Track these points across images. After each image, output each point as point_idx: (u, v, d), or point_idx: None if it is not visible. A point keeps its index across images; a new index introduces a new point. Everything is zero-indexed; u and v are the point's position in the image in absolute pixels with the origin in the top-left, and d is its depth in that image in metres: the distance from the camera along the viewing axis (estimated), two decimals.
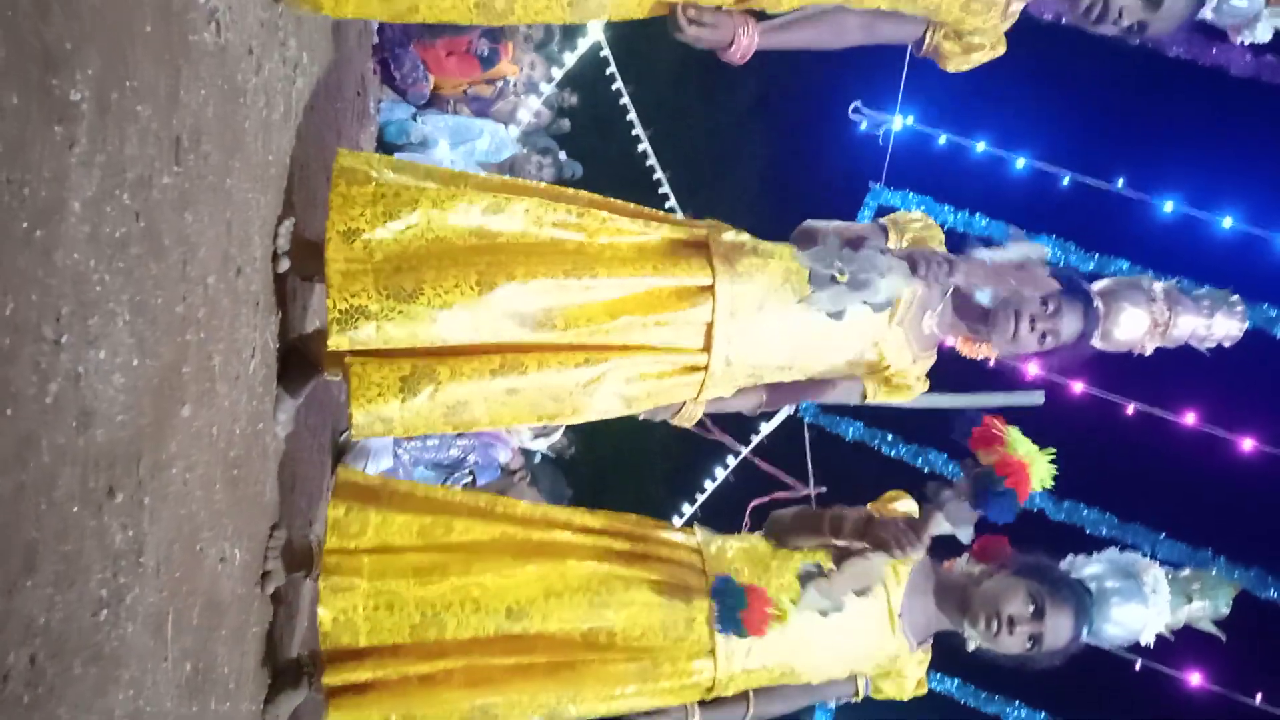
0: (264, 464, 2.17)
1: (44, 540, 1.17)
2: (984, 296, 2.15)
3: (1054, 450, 2.01)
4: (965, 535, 2.10)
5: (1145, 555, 2.45)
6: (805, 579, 2.17)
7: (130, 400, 1.37)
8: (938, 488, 2.11)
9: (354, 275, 1.97)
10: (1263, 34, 2.09)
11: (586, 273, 2.07)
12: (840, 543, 2.24)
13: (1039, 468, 1.99)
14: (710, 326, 2.15)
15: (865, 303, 1.97)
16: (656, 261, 2.14)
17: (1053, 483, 2.03)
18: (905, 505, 2.40)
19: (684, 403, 2.30)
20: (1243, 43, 2.13)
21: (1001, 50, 2.22)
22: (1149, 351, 2.33)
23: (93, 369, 1.26)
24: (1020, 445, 2.00)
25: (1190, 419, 6.33)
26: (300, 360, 2.24)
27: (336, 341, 1.97)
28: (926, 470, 6.43)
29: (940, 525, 2.08)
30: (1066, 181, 6.86)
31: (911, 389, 2.37)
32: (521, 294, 2.02)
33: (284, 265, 2.10)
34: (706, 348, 2.16)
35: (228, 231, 1.77)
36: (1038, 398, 2.41)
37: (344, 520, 2.22)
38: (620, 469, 10.06)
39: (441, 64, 5.42)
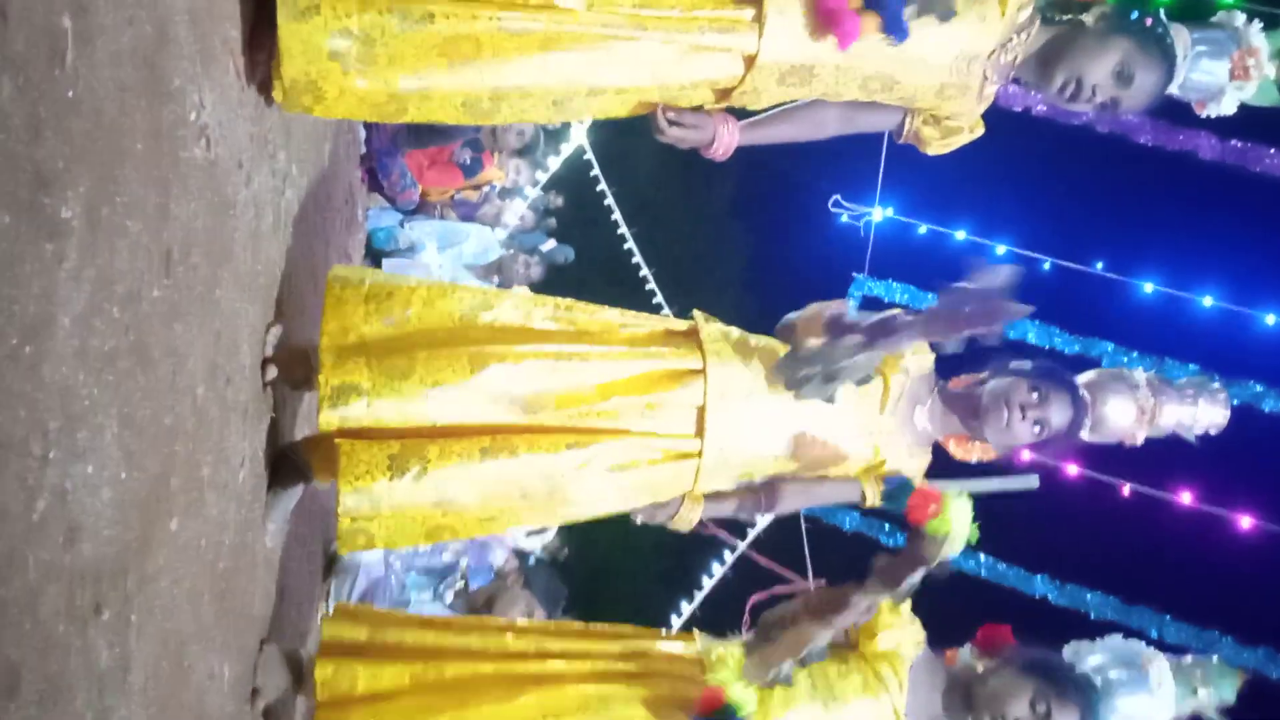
0: (253, 576, 2.13)
1: (27, 660, 1.14)
2: (952, 347, 2.14)
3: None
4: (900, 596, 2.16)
5: (1151, 637, 2.43)
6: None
7: (118, 514, 1.36)
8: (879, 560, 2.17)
9: (347, 356, 2.00)
10: (1228, 107, 2.15)
11: (577, 357, 2.09)
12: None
13: (960, 521, 2.10)
14: (701, 410, 2.15)
15: (849, 382, 2.04)
16: (647, 346, 2.17)
17: (974, 539, 2.11)
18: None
19: (680, 503, 2.27)
20: (1209, 116, 2.20)
21: (980, 132, 2.27)
22: (1139, 441, 2.35)
23: (80, 483, 1.25)
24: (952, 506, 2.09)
25: (1187, 498, 6.31)
26: (290, 468, 2.23)
27: (327, 419, 1.97)
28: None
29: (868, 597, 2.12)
30: (1048, 266, 6.97)
31: None
32: (512, 375, 2.04)
33: (272, 373, 2.11)
34: (699, 433, 2.16)
35: (216, 341, 1.77)
36: (1033, 481, 2.41)
37: (333, 679, 2.17)
38: (616, 569, 9.93)
39: (422, 173, 5.52)
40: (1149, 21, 2.03)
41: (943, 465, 2.38)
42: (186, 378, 1.62)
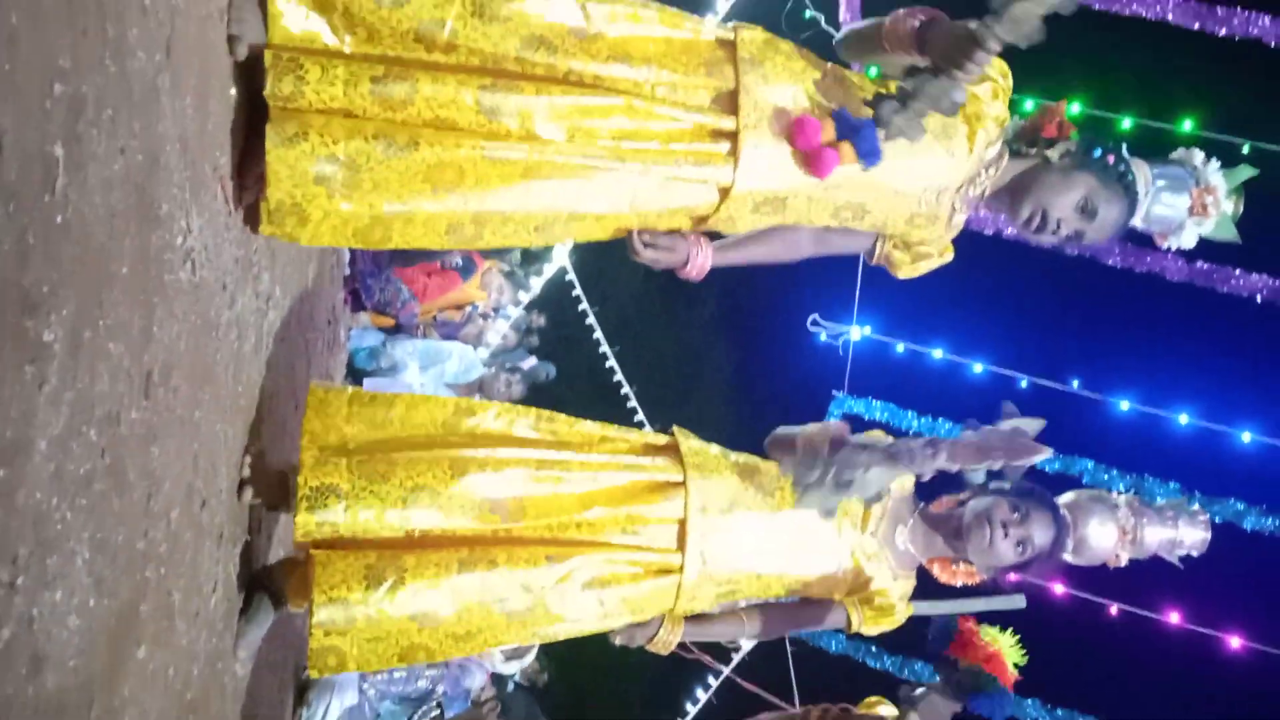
0: (222, 706, 2.06)
1: None
2: (975, 476, 2.16)
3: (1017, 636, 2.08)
4: None
5: None
6: None
7: (84, 643, 1.32)
8: (909, 689, 2.10)
9: (327, 458, 2.00)
10: (1188, 240, 2.22)
11: (559, 465, 2.11)
12: None
13: (1009, 652, 2.03)
14: (683, 524, 2.15)
15: (858, 496, 2.05)
16: (627, 459, 2.18)
17: (1023, 660, 2.11)
18: (886, 710, 2.34)
19: (660, 624, 2.24)
20: (1169, 249, 2.26)
21: (949, 257, 2.33)
22: (1123, 562, 2.35)
23: (47, 612, 1.22)
24: (992, 637, 2.07)
25: (1175, 618, 6.24)
26: (263, 593, 2.18)
27: (304, 521, 1.95)
28: (913, 681, 6.24)
29: None
30: (1025, 384, 7.03)
31: (895, 611, 2.33)
32: (493, 482, 2.05)
33: (249, 495, 2.08)
34: (680, 547, 2.15)
35: (194, 464, 1.76)
36: (1019, 601, 2.39)
37: None
38: (598, 694, 9.65)
39: (425, 287, 5.58)
40: (1111, 159, 2.10)
41: (929, 587, 2.36)
42: (162, 501, 1.59)
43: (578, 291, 8.43)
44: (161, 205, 1.53)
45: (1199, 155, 2.22)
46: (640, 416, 8.76)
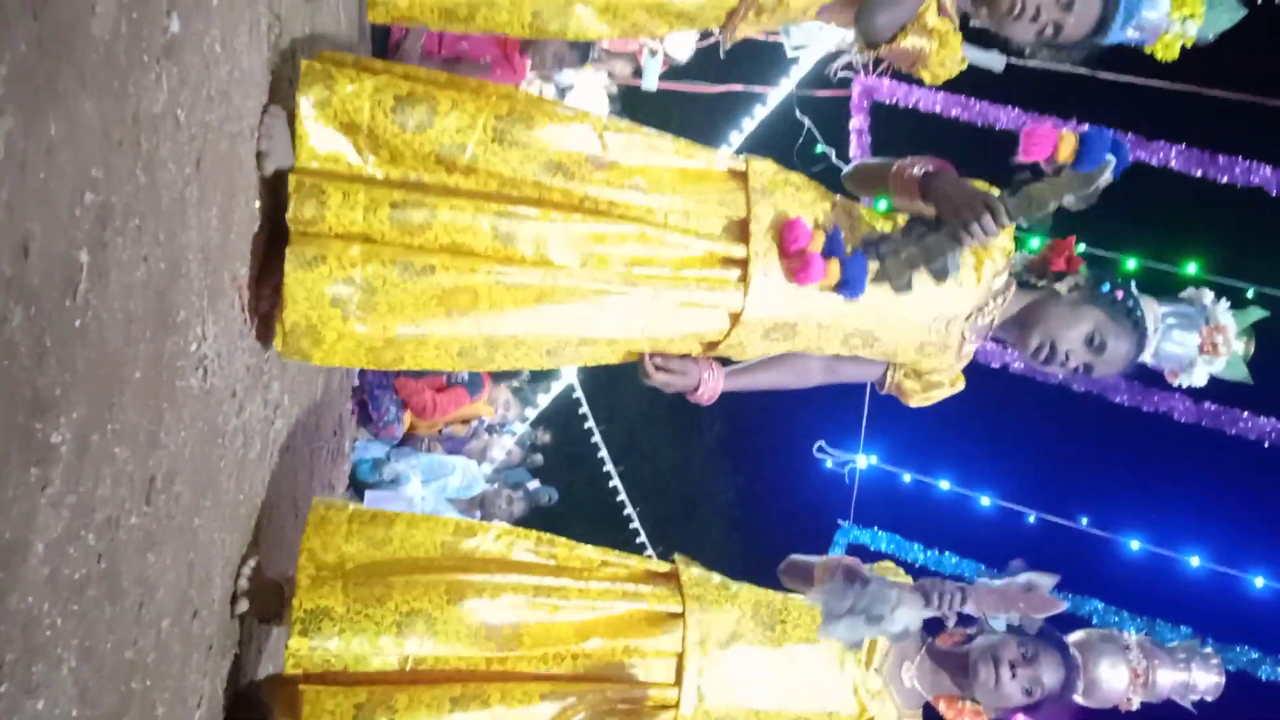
0: None
1: None
2: (997, 624, 2.12)
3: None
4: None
5: None
6: None
7: None
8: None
9: (323, 580, 1.98)
10: (1199, 379, 2.21)
11: (557, 593, 2.08)
12: None
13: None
14: (680, 658, 2.11)
15: (884, 633, 2.02)
16: (626, 587, 2.15)
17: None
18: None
19: None
20: (1181, 385, 2.26)
21: (961, 386, 2.33)
22: (1135, 706, 2.28)
23: None
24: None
25: None
26: (249, 708, 2.13)
27: (296, 646, 1.91)
28: None
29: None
30: (1032, 519, 6.96)
31: None
32: (490, 608, 2.02)
33: (243, 606, 2.05)
34: (677, 681, 2.10)
35: (189, 572, 1.74)
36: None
37: None
38: None
39: (435, 404, 5.59)
40: (1120, 294, 2.12)
41: None
42: (154, 610, 1.57)
43: (584, 410, 8.45)
44: (179, 312, 1.55)
45: (1209, 294, 2.23)
46: (643, 538, 8.67)
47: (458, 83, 2.02)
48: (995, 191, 1.94)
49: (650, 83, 6.19)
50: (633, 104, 6.38)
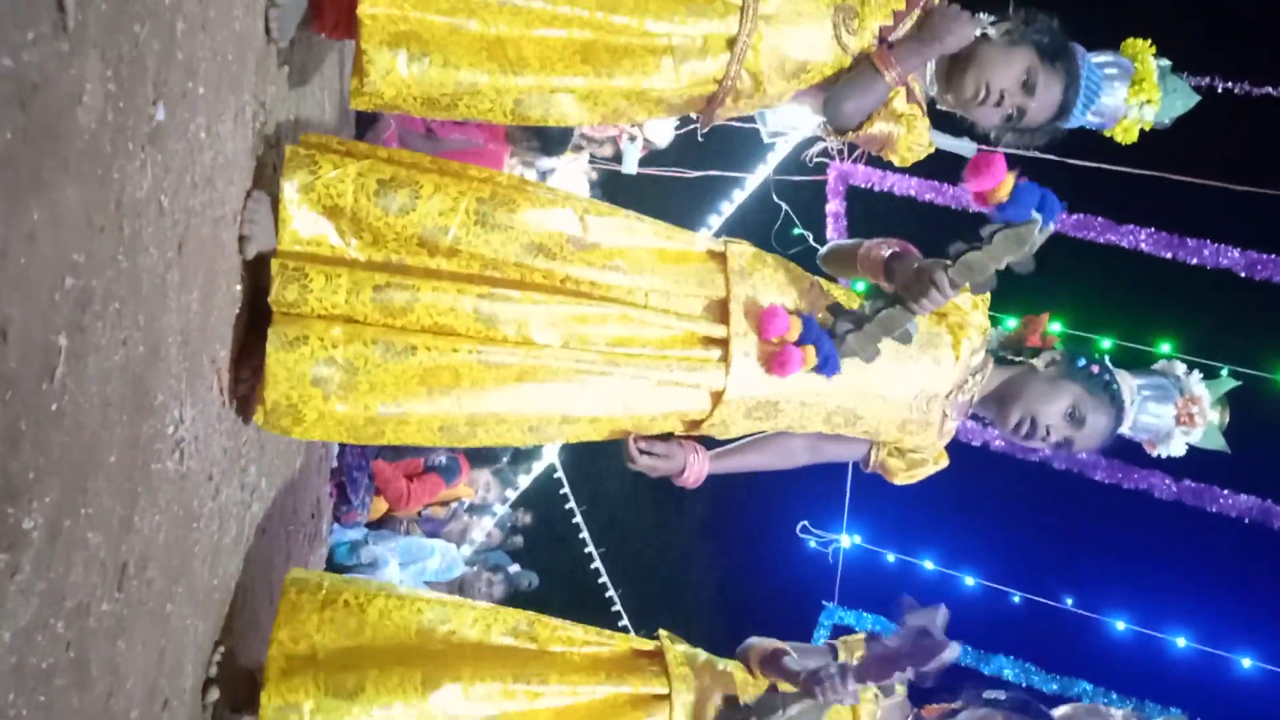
0: None
1: None
2: (893, 688, 2.11)
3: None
4: None
5: None
6: None
7: None
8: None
9: (295, 672, 1.95)
10: (1177, 449, 2.24)
11: (536, 678, 2.05)
12: None
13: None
14: None
15: None
16: (610, 670, 2.12)
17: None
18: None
19: None
20: (1160, 456, 2.28)
21: (944, 463, 2.34)
22: None
23: None
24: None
25: None
26: None
27: None
28: None
29: None
30: (1017, 599, 6.92)
31: None
32: (467, 701, 1.98)
33: (214, 695, 2.00)
34: None
35: (160, 660, 1.70)
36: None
37: None
38: None
39: (409, 494, 5.53)
40: (1096, 369, 2.15)
41: None
42: (123, 700, 1.53)
43: (566, 490, 8.39)
44: (157, 395, 1.55)
45: (1180, 366, 2.27)
46: (625, 621, 8.54)
47: (441, 166, 2.05)
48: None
49: (630, 167, 6.30)
50: (613, 188, 6.48)
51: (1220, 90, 5.14)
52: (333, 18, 2.10)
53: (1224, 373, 5.18)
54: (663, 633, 2.26)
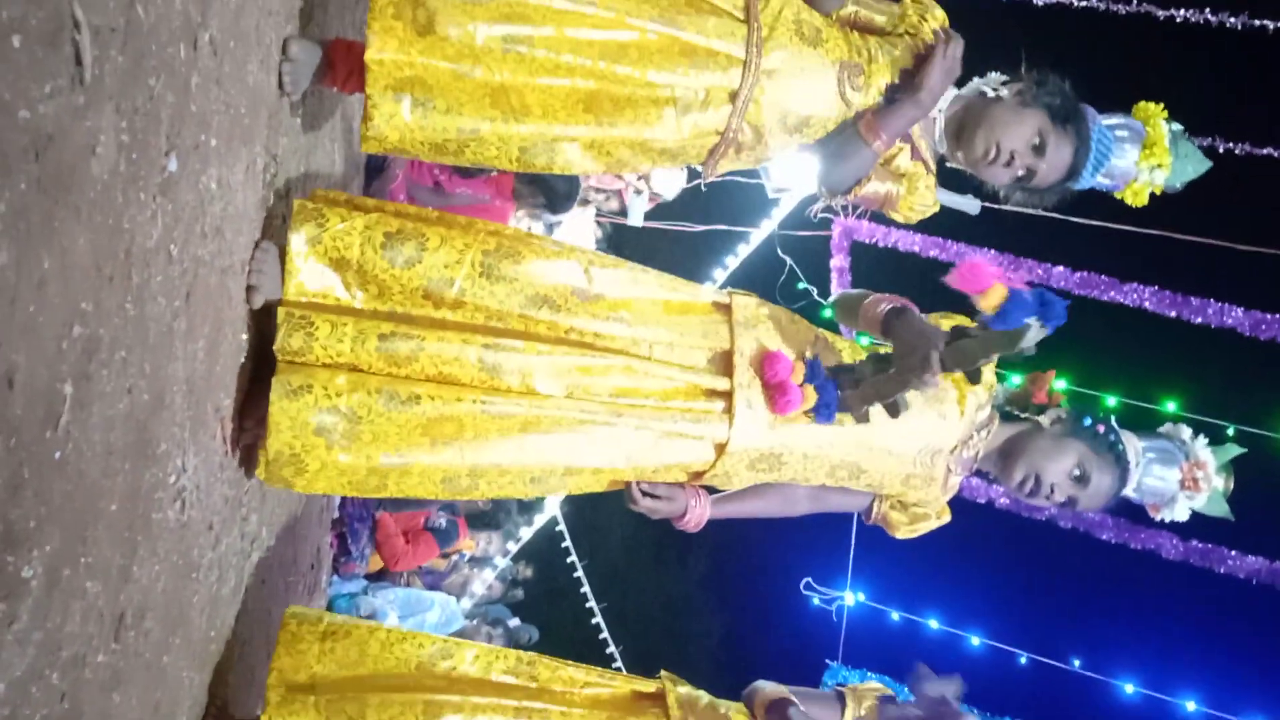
0: None
1: None
2: None
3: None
4: None
5: None
6: None
7: None
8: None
9: (295, 696, 1.94)
10: (1180, 513, 2.22)
11: (537, 715, 2.04)
12: None
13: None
14: None
15: None
16: (611, 711, 2.11)
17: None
18: None
19: None
20: (1164, 520, 2.26)
21: (947, 518, 2.33)
22: None
23: None
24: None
25: None
26: None
27: None
28: None
29: None
30: (1024, 660, 6.83)
31: None
32: None
33: None
34: None
35: (155, 713, 1.67)
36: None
37: None
38: None
39: (405, 555, 5.52)
40: (1102, 428, 2.15)
41: None
42: None
43: (567, 543, 8.34)
44: (160, 444, 1.54)
45: (1186, 431, 2.26)
46: None
47: (447, 219, 2.06)
48: (959, 319, 2.00)
49: (635, 218, 6.35)
50: (619, 241, 6.53)
51: (1222, 151, 5.19)
52: (344, 71, 2.13)
53: (1229, 432, 5.18)
54: (664, 674, 2.24)
